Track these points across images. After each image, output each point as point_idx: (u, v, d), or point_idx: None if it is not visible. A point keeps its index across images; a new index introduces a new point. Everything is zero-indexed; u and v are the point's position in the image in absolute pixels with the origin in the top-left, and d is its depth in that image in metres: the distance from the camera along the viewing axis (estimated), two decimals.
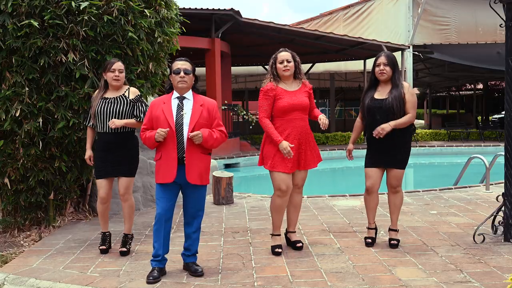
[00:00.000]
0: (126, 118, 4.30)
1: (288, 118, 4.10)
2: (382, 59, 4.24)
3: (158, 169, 3.70)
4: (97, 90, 4.42)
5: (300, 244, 4.38)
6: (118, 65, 4.29)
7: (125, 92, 4.35)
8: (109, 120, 4.23)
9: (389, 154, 4.26)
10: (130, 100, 4.32)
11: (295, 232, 4.47)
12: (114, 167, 4.29)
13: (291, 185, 4.14)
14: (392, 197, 4.42)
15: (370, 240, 4.44)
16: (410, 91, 4.26)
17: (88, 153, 4.46)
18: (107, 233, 4.48)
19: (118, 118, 4.25)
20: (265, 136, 4.20)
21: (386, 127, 4.13)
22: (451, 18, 18.46)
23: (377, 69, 4.26)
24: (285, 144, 4.00)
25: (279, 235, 4.29)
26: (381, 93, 4.29)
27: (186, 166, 3.65)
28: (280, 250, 4.19)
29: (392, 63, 4.24)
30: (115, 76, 4.26)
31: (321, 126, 4.06)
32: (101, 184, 4.32)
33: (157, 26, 5.32)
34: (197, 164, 3.68)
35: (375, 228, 4.52)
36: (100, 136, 4.33)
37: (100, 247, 4.41)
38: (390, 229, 4.51)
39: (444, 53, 18.46)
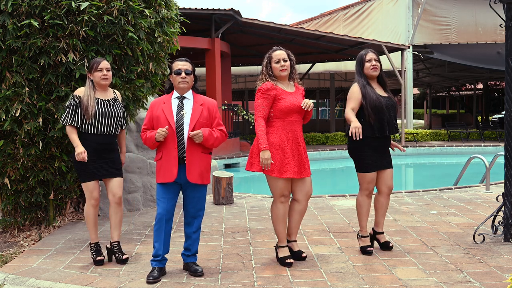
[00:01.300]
0: (120, 121, 4.25)
1: (289, 120, 3.88)
2: (372, 55, 4.16)
3: (159, 169, 3.70)
4: (83, 88, 4.14)
5: (305, 255, 4.15)
6: (105, 63, 4.14)
7: (114, 94, 4.28)
8: (109, 122, 4.10)
9: (384, 155, 4.20)
10: (120, 102, 4.29)
11: (296, 241, 4.18)
12: (108, 168, 4.14)
13: (290, 190, 3.98)
14: (385, 200, 4.26)
15: (372, 248, 4.23)
16: None
17: (81, 148, 3.97)
18: (98, 243, 4.20)
19: (116, 120, 4.17)
20: (268, 140, 3.89)
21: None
22: (451, 18, 18.48)
23: (368, 64, 4.13)
24: (267, 155, 3.73)
25: (286, 246, 4.04)
26: (378, 91, 4.19)
27: (187, 165, 3.65)
28: (291, 260, 3.93)
29: (379, 59, 4.24)
30: (103, 75, 4.10)
31: (304, 107, 3.82)
32: (94, 186, 4.10)
33: (157, 26, 5.32)
34: (198, 163, 3.69)
35: (369, 235, 4.36)
36: (90, 138, 4.08)
37: (98, 258, 4.08)
38: (378, 233, 4.34)
39: (444, 53, 18.48)
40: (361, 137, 3.90)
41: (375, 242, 4.40)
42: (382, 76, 4.25)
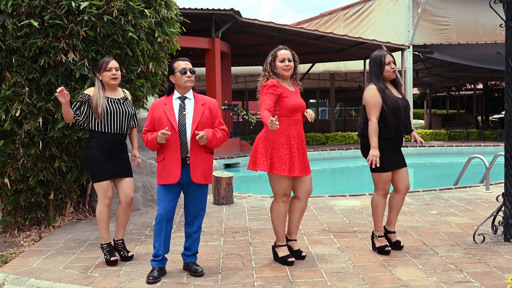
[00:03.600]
0: (130, 119, 4.25)
1: (293, 119, 3.90)
2: (390, 57, 4.16)
3: (161, 170, 3.68)
4: (93, 88, 4.14)
5: (304, 254, 4.17)
6: (114, 63, 4.14)
7: (124, 93, 4.30)
8: (120, 121, 4.11)
9: (398, 155, 4.20)
10: (130, 101, 4.31)
11: (296, 240, 4.20)
12: (120, 168, 4.17)
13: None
14: (402, 199, 4.26)
15: (389, 248, 4.22)
16: None
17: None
18: (111, 243, 4.21)
19: (127, 118, 4.18)
20: (266, 139, 3.89)
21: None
22: (451, 18, 18.46)
23: (388, 67, 4.12)
24: (272, 119, 3.46)
25: (286, 245, 4.05)
26: (394, 92, 4.19)
27: (191, 165, 3.65)
28: (293, 259, 3.97)
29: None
30: (113, 74, 4.11)
31: (309, 119, 3.91)
32: (108, 185, 4.10)
33: (157, 26, 5.32)
34: (201, 163, 3.69)
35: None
36: (102, 136, 4.09)
37: (112, 259, 4.08)
38: (390, 232, 4.36)
39: (444, 53, 18.46)
40: (378, 165, 3.98)
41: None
42: (397, 77, 4.28)
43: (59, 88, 3.89)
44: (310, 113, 3.94)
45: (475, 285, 3.47)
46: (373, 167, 4.04)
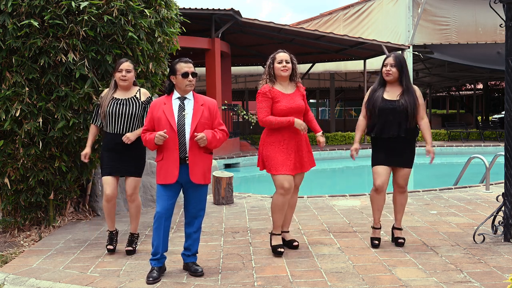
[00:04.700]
0: (137, 120, 4.29)
1: None
2: (389, 60, 4.26)
3: (160, 170, 3.69)
4: (107, 89, 4.38)
5: (296, 243, 4.42)
6: (126, 65, 4.26)
7: (136, 93, 4.33)
8: (120, 121, 4.23)
9: (397, 154, 4.28)
10: (142, 102, 4.32)
11: (289, 231, 4.51)
12: (122, 166, 4.27)
13: (293, 183, 4.16)
14: (399, 197, 4.44)
15: (377, 242, 4.39)
16: (420, 95, 4.33)
17: (87, 150, 4.38)
18: (114, 232, 4.44)
19: (130, 120, 4.24)
20: (264, 139, 4.21)
21: (432, 150, 4.31)
22: (451, 18, 18.47)
23: (384, 69, 4.29)
24: (299, 121, 4.08)
25: (280, 234, 4.30)
26: (390, 94, 4.28)
27: (190, 166, 3.65)
28: (282, 250, 4.19)
29: (400, 64, 4.24)
30: (122, 76, 4.23)
31: (319, 146, 4.27)
32: (107, 181, 4.25)
33: (157, 26, 5.32)
34: (201, 164, 3.69)
35: (380, 228, 4.51)
36: (108, 137, 4.29)
37: (108, 247, 4.36)
38: (395, 228, 4.53)
39: (444, 53, 18.46)
40: (356, 156, 4.46)
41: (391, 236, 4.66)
42: (402, 80, 4.29)
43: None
44: (319, 140, 4.28)
45: (475, 285, 3.47)
46: (353, 159, 4.49)
